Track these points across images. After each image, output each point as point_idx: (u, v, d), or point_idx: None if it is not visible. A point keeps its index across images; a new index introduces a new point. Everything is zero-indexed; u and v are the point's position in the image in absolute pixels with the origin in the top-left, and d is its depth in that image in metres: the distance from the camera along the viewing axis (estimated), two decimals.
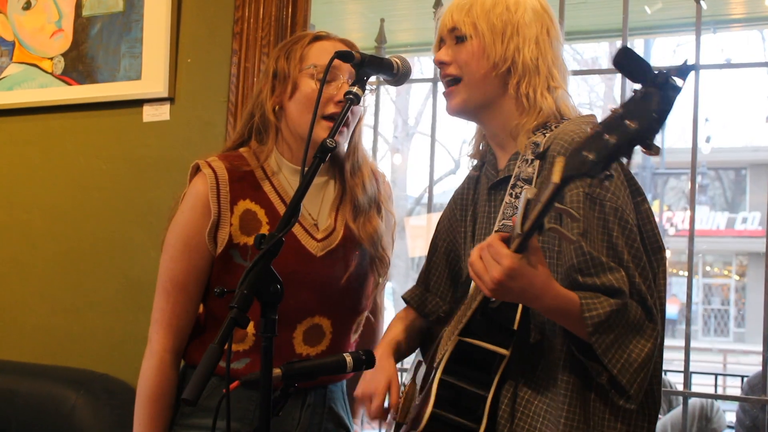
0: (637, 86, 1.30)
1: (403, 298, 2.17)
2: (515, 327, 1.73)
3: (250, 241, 2.09)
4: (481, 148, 2.05)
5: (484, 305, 1.74)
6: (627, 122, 1.29)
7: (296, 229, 2.12)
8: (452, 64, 1.89)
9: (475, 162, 2.07)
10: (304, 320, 2.12)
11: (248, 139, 2.21)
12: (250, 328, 2.04)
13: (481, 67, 1.85)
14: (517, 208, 1.73)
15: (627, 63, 1.35)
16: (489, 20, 1.85)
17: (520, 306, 1.73)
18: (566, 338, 1.70)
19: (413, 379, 2.03)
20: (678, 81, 1.28)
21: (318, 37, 2.20)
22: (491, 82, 1.86)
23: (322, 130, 2.04)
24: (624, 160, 1.55)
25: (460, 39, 1.87)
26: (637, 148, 1.30)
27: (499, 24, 1.85)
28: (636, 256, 1.68)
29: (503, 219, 1.81)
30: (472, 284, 1.83)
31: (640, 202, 1.77)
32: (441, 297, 2.10)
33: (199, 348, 2.15)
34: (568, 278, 1.67)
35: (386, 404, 1.98)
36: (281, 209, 2.13)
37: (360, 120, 2.23)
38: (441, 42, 1.94)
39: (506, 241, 1.55)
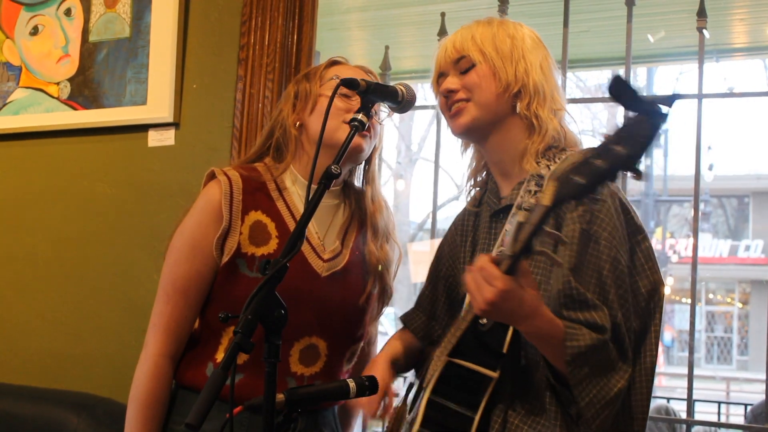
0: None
1: (401, 319, 2.18)
2: (504, 350, 1.74)
3: (258, 251, 2.10)
4: (479, 178, 2.06)
5: (474, 326, 1.76)
6: (616, 147, 1.36)
7: (304, 247, 2.12)
8: (460, 90, 1.90)
9: (474, 192, 2.08)
10: (302, 338, 2.12)
11: (265, 155, 2.24)
12: None
13: (494, 89, 1.87)
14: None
15: (619, 91, 1.41)
16: (495, 45, 1.88)
17: (511, 329, 1.74)
18: (544, 365, 1.72)
19: (404, 399, 2.03)
20: (664, 108, 1.35)
21: (336, 62, 2.26)
22: (501, 103, 1.88)
23: (344, 133, 2.00)
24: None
25: (467, 69, 1.89)
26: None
27: (506, 48, 1.88)
28: (622, 296, 1.70)
29: (502, 246, 1.82)
30: (465, 304, 1.84)
31: (641, 240, 1.79)
32: (438, 321, 2.12)
33: (190, 363, 2.15)
34: (553, 311, 1.68)
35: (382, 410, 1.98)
36: (291, 224, 2.14)
37: (376, 150, 2.26)
38: (440, 76, 1.95)
39: (497, 264, 1.57)
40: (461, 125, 1.92)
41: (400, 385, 2.10)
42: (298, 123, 2.19)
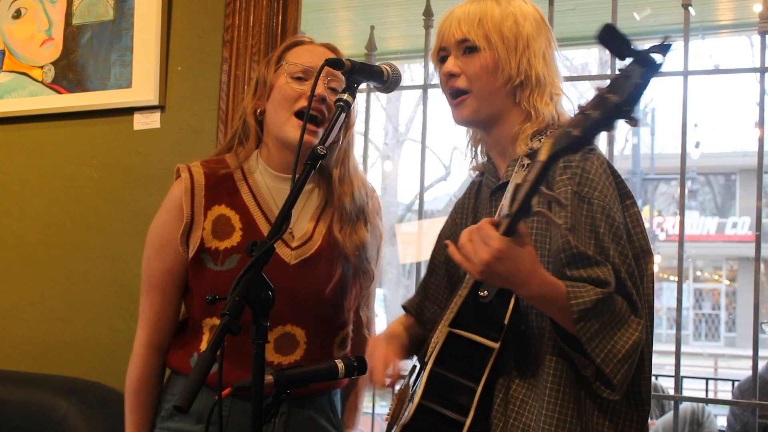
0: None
1: (403, 306, 2.18)
2: (506, 321, 1.74)
3: (222, 245, 2.11)
4: (479, 158, 2.06)
5: (473, 294, 1.76)
6: (609, 96, 1.38)
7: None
8: (461, 76, 1.88)
9: (476, 174, 2.08)
10: (275, 327, 2.12)
11: (233, 147, 2.24)
12: None
13: (495, 81, 1.87)
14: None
15: (610, 39, 1.43)
16: (501, 33, 1.86)
17: (513, 300, 1.74)
18: (553, 331, 1.71)
19: (408, 382, 2.04)
20: (658, 57, 1.37)
21: (298, 42, 2.24)
22: (502, 95, 1.87)
23: (293, 129, 2.07)
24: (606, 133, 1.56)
25: (470, 49, 1.87)
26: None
27: (512, 37, 1.87)
28: (622, 252, 1.69)
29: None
30: (466, 277, 1.84)
31: (629, 205, 1.79)
32: (439, 305, 2.10)
33: (178, 350, 2.19)
34: (556, 272, 1.68)
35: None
36: (256, 214, 2.15)
37: (350, 126, 2.24)
38: (441, 50, 1.94)
39: (496, 226, 1.57)
40: (462, 117, 1.92)
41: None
42: (258, 110, 2.20)
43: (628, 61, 1.40)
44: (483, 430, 1.77)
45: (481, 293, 1.75)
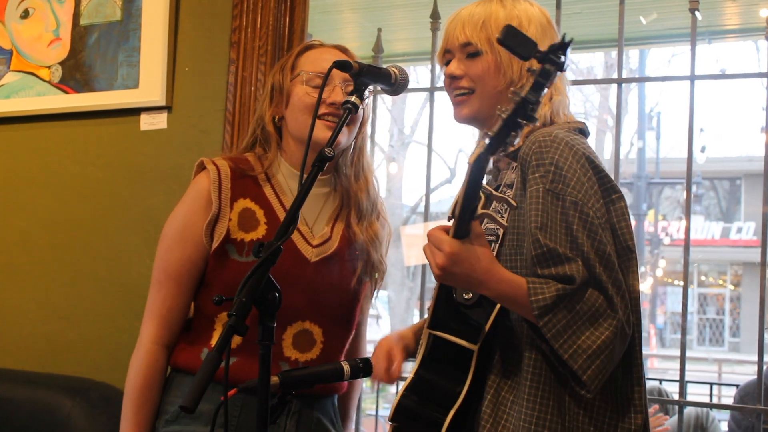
0: None
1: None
2: (489, 322, 1.75)
3: (247, 237, 2.13)
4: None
5: (444, 295, 1.79)
6: (515, 97, 1.46)
7: (293, 233, 2.14)
8: (464, 78, 1.89)
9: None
10: (294, 323, 2.14)
11: (254, 146, 2.26)
12: None
13: (497, 83, 1.87)
14: (499, 212, 1.77)
15: (512, 41, 1.50)
16: None
17: (498, 305, 1.75)
18: (530, 330, 1.71)
19: None
20: (559, 56, 1.45)
21: (309, 47, 2.26)
22: (503, 97, 1.87)
23: (318, 130, 2.08)
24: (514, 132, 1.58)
25: (473, 54, 1.88)
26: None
27: None
28: (598, 248, 1.67)
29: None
30: None
31: (615, 199, 1.77)
32: None
33: (185, 349, 2.17)
34: (530, 272, 1.69)
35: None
36: (279, 212, 2.17)
37: (363, 125, 2.26)
38: (446, 52, 1.94)
39: (447, 231, 1.63)
40: (463, 116, 1.93)
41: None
42: (277, 117, 2.22)
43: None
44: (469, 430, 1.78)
45: (466, 296, 1.77)
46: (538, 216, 1.68)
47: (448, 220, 1.65)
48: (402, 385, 1.84)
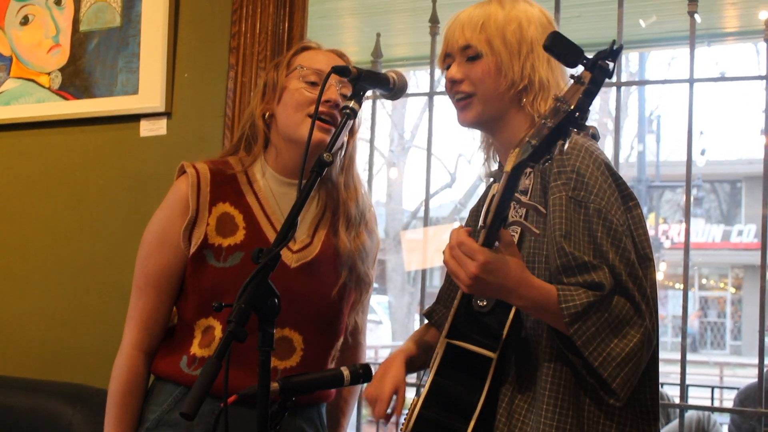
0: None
1: (423, 315, 2.19)
2: (505, 330, 1.73)
3: (225, 242, 2.10)
4: (491, 164, 2.06)
5: (465, 304, 1.76)
6: (561, 105, 1.42)
7: (271, 238, 2.11)
8: (465, 81, 1.88)
9: (491, 180, 2.08)
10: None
11: (238, 150, 2.24)
12: (218, 332, 2.06)
13: (498, 85, 1.85)
14: (513, 217, 1.75)
15: (559, 48, 1.46)
16: (504, 38, 1.85)
17: (513, 309, 1.74)
18: (553, 337, 1.70)
19: (418, 391, 2.04)
20: (608, 64, 1.42)
21: (306, 48, 2.24)
22: (505, 99, 1.86)
23: (307, 128, 2.00)
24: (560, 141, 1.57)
25: (473, 57, 1.87)
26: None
27: (514, 42, 1.85)
28: (623, 255, 1.67)
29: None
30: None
31: (632, 206, 1.77)
32: (447, 308, 2.10)
33: (165, 357, 2.14)
34: (553, 280, 1.68)
35: (391, 409, 1.97)
36: (260, 217, 2.14)
37: (354, 133, 2.25)
38: (447, 57, 1.93)
39: (473, 237, 1.59)
40: (466, 120, 1.92)
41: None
42: (267, 113, 2.19)
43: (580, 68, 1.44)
44: None
45: (480, 303, 1.75)
46: (562, 224, 1.67)
47: (466, 226, 1.62)
48: (419, 396, 1.81)
